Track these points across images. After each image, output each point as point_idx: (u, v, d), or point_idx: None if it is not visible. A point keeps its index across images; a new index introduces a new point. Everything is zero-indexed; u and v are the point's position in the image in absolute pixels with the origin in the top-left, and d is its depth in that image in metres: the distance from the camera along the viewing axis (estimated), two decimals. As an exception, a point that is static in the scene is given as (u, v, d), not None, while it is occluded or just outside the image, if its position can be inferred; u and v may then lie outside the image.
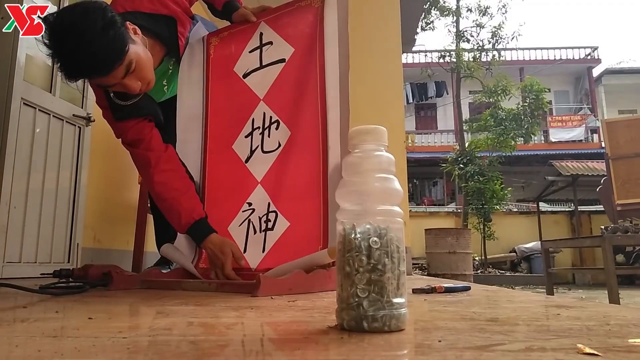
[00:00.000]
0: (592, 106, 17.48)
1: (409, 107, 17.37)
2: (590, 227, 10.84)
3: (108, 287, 1.46)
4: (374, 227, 0.66)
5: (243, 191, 1.67)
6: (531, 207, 12.93)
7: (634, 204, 6.31)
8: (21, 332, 0.68)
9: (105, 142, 3.08)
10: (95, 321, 0.78)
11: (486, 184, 10.07)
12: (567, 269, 9.23)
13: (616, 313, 0.91)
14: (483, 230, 10.06)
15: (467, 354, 0.51)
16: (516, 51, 17.33)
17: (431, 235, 5.69)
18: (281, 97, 1.66)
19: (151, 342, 0.60)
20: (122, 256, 3.08)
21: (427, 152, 16.14)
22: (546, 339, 0.61)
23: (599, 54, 17.89)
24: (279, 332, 0.71)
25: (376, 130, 0.69)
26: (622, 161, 6.64)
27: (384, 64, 4.06)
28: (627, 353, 0.52)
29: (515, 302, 1.16)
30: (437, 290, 1.40)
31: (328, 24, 1.57)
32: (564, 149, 15.94)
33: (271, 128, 1.65)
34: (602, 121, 7.81)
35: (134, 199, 2.95)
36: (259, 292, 1.22)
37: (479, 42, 12.54)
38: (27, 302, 1.09)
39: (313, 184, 1.51)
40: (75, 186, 2.75)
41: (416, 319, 0.83)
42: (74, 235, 2.70)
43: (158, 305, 1.04)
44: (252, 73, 1.74)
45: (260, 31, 1.74)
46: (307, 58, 1.61)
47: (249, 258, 1.59)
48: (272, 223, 1.57)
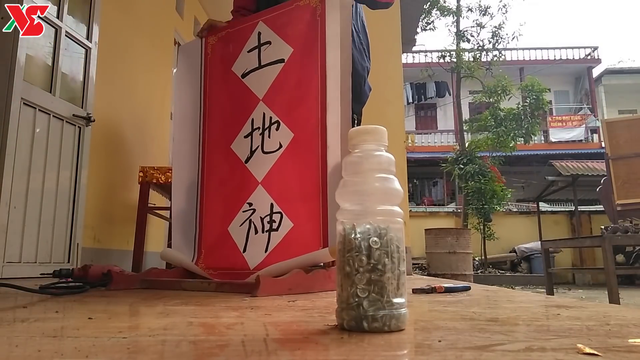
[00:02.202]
0: (592, 106, 17.47)
1: (409, 107, 17.36)
2: (590, 227, 10.83)
3: (108, 287, 1.46)
4: (374, 227, 0.66)
5: (243, 191, 1.67)
6: (531, 207, 12.92)
7: (634, 204, 6.30)
8: (21, 332, 0.68)
9: (105, 142, 3.08)
10: (95, 321, 0.78)
11: (487, 184, 10.07)
12: (567, 269, 9.23)
13: (616, 313, 0.91)
14: (483, 230, 10.06)
15: (467, 354, 0.51)
16: (516, 51, 17.33)
17: (431, 235, 5.69)
18: (281, 98, 1.66)
19: (151, 342, 0.60)
20: (122, 256, 3.08)
21: (427, 152, 16.13)
22: (546, 339, 0.61)
23: (599, 54, 17.89)
24: (279, 332, 0.71)
25: (376, 130, 0.69)
26: (622, 161, 6.64)
27: (384, 64, 4.06)
28: (627, 353, 0.52)
29: (515, 302, 1.16)
30: (437, 290, 1.40)
31: (329, 25, 1.57)
32: (564, 149, 15.93)
33: (271, 129, 1.65)
34: (602, 121, 7.81)
35: (134, 199, 2.95)
36: (258, 292, 1.22)
37: (479, 42, 12.54)
38: (27, 302, 1.09)
39: (314, 184, 1.51)
40: (75, 186, 2.74)
41: (416, 319, 0.83)
42: (74, 235, 2.70)
43: (158, 305, 1.04)
44: (250, 73, 1.74)
45: (258, 31, 1.74)
46: (306, 58, 1.61)
47: (248, 258, 1.59)
48: (278, 224, 1.57)
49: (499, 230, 10.33)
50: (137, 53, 3.61)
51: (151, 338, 0.62)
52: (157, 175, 2.76)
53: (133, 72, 3.56)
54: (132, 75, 3.54)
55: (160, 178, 2.75)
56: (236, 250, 1.63)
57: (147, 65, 3.82)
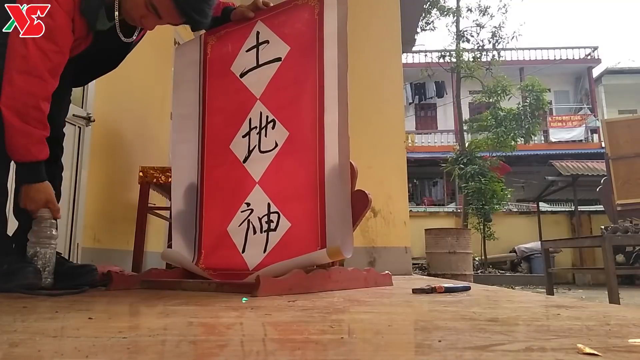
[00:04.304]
0: (592, 106, 17.46)
1: (409, 107, 17.35)
2: (590, 227, 10.83)
3: (108, 287, 1.46)
4: None
5: (241, 191, 1.67)
6: (531, 207, 12.92)
7: (634, 204, 6.30)
8: (21, 332, 0.68)
9: (105, 142, 3.09)
10: (95, 321, 0.78)
11: (487, 184, 10.06)
12: (567, 269, 9.23)
13: (616, 313, 0.91)
14: (483, 231, 10.06)
15: (467, 354, 0.51)
16: (516, 51, 17.31)
17: (431, 235, 5.69)
18: (277, 97, 1.66)
19: (151, 342, 0.60)
20: (122, 256, 3.07)
21: (427, 152, 16.12)
22: (546, 339, 0.61)
23: (599, 54, 17.88)
24: (279, 332, 0.71)
25: None
26: (622, 161, 6.64)
27: (384, 64, 4.06)
28: (627, 353, 0.52)
29: (515, 302, 1.16)
30: (437, 290, 1.40)
31: (327, 24, 1.57)
32: (564, 149, 15.92)
33: (267, 127, 1.65)
34: (602, 121, 7.81)
35: (134, 198, 2.95)
36: (258, 292, 1.22)
37: (479, 42, 12.54)
38: (27, 302, 1.09)
39: (311, 183, 1.51)
40: (75, 186, 2.74)
41: (416, 319, 0.83)
42: (74, 235, 2.70)
43: (158, 305, 1.04)
44: (248, 72, 1.74)
45: (257, 30, 1.74)
46: (304, 57, 1.61)
47: (247, 258, 1.59)
48: (275, 224, 1.57)
49: (499, 230, 10.32)
50: (136, 53, 3.60)
51: (151, 338, 0.62)
52: (157, 175, 2.76)
53: (133, 71, 3.55)
54: (132, 75, 3.54)
55: (160, 178, 2.74)
56: (235, 251, 1.63)
57: (147, 65, 3.82)
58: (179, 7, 1.38)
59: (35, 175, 1.39)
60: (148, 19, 1.44)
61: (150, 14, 1.41)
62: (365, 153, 3.54)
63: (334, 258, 1.41)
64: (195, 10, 1.42)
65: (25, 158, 1.36)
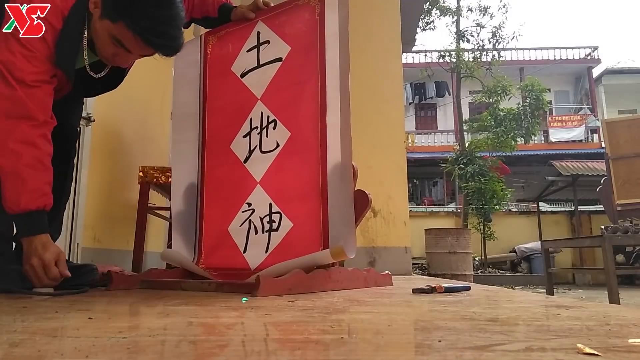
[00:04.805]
0: (592, 106, 17.47)
1: (409, 107, 17.35)
2: (590, 227, 10.83)
3: (108, 287, 1.46)
4: None
5: (242, 191, 1.67)
6: (531, 207, 12.92)
7: (634, 204, 6.30)
8: (21, 332, 0.68)
9: (105, 142, 3.09)
10: (95, 321, 0.78)
11: (487, 184, 10.07)
12: (567, 269, 9.23)
13: (616, 313, 0.91)
14: (483, 230, 10.06)
15: (467, 354, 0.51)
16: (516, 51, 17.32)
17: (431, 235, 5.69)
18: (278, 97, 1.66)
19: (151, 342, 0.60)
20: (122, 256, 3.07)
21: (427, 152, 16.12)
22: (546, 339, 0.61)
23: (599, 54, 17.89)
24: (279, 332, 0.71)
25: None
26: (622, 161, 6.64)
27: (384, 64, 4.06)
28: (627, 353, 0.52)
29: (515, 302, 1.16)
30: (437, 290, 1.40)
31: (329, 24, 1.57)
32: (564, 149, 15.93)
33: (269, 128, 1.65)
34: (602, 121, 7.81)
35: (134, 198, 2.95)
36: (259, 292, 1.22)
37: (479, 42, 12.54)
38: (27, 302, 1.09)
39: (313, 183, 1.51)
40: (75, 186, 2.74)
41: (416, 319, 0.83)
42: (74, 235, 2.70)
43: (158, 305, 1.04)
44: (249, 72, 1.74)
45: (257, 30, 1.74)
46: (304, 57, 1.61)
47: (249, 258, 1.59)
48: (277, 224, 1.57)
49: (499, 230, 10.33)
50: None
51: (151, 338, 0.62)
52: (157, 175, 2.76)
53: (133, 71, 3.55)
54: (132, 75, 3.54)
55: (161, 178, 2.75)
56: (237, 251, 1.63)
57: (147, 65, 3.82)
58: (139, 35, 1.29)
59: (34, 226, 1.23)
60: (119, 55, 1.38)
61: (120, 50, 1.34)
62: (365, 153, 3.53)
63: (337, 258, 1.41)
64: (157, 34, 1.30)
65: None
